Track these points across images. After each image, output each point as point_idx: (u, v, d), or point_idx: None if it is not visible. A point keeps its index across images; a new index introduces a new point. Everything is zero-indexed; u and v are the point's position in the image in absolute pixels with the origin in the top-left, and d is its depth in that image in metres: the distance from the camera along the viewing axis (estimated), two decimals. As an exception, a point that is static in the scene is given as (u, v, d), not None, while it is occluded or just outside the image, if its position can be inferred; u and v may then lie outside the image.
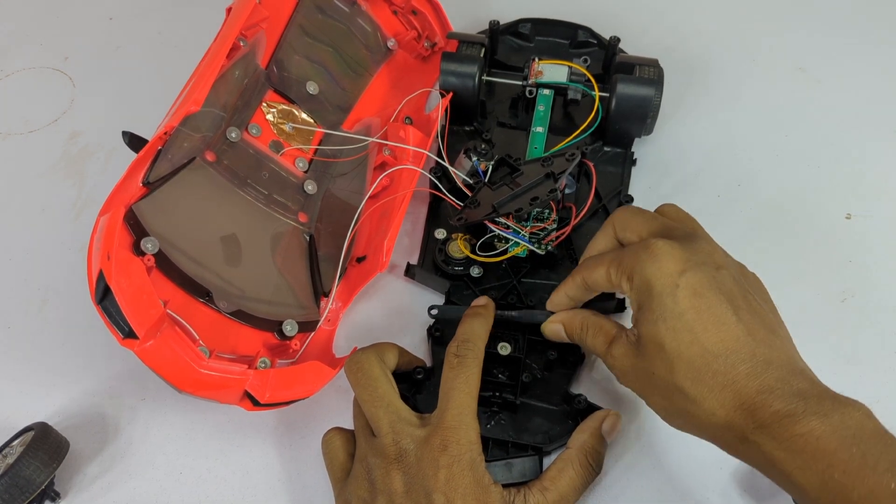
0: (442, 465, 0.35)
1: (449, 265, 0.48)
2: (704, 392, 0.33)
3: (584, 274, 0.39)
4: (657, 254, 0.35)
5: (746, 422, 0.32)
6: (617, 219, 0.40)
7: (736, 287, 0.35)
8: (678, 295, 0.34)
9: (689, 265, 0.35)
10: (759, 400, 0.32)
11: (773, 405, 0.31)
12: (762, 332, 0.34)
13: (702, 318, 0.34)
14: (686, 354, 0.34)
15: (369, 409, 0.38)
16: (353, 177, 0.52)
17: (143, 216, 0.40)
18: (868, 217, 0.53)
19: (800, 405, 0.31)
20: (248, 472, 0.43)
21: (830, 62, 0.63)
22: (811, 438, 0.30)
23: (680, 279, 0.34)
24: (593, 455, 0.39)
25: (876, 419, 0.31)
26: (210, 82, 0.42)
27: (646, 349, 0.35)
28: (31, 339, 0.48)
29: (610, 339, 0.38)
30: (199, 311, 0.41)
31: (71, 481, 0.42)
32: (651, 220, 0.39)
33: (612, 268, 0.37)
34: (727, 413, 0.33)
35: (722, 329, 0.33)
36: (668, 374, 0.34)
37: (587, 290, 0.40)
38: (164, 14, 0.69)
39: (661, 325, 0.34)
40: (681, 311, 0.34)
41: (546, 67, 0.54)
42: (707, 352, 0.33)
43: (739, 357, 0.33)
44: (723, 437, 0.34)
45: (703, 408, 0.33)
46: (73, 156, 0.59)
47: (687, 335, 0.34)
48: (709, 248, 0.37)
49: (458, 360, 0.39)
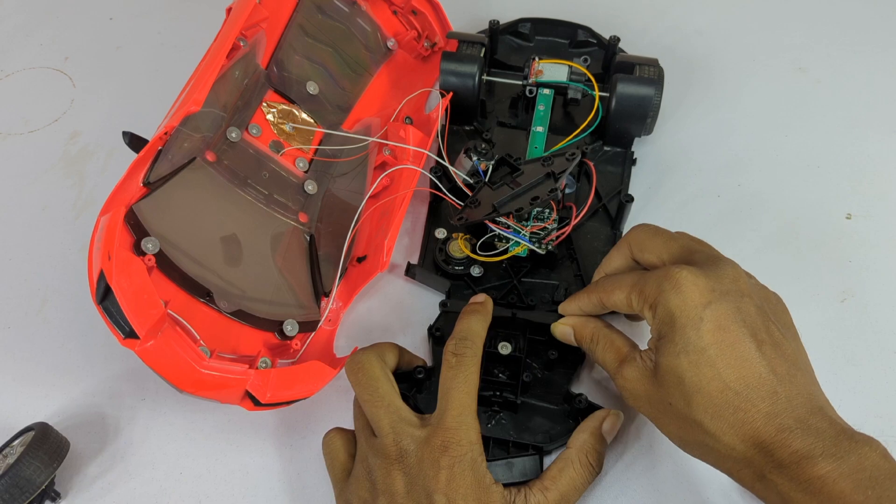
0: (443, 466, 0.35)
1: (449, 265, 0.48)
2: (724, 428, 0.33)
3: (603, 295, 0.39)
4: (681, 284, 0.35)
5: (765, 460, 0.32)
6: (633, 238, 0.40)
7: (759, 318, 0.35)
8: (702, 329, 0.34)
9: (714, 296, 0.34)
10: (779, 439, 0.32)
11: (791, 445, 0.31)
12: (784, 368, 0.33)
13: (724, 353, 0.33)
14: (706, 390, 0.33)
15: (370, 409, 0.38)
16: (354, 177, 0.52)
17: (143, 216, 0.40)
18: (868, 217, 0.53)
19: (817, 446, 0.31)
20: (248, 472, 0.43)
21: (830, 62, 0.63)
22: (828, 481, 0.30)
23: (704, 312, 0.34)
24: (593, 454, 0.39)
25: (892, 459, 0.31)
26: (210, 82, 0.42)
27: (664, 380, 0.35)
28: (31, 339, 0.48)
29: (622, 358, 0.38)
30: (199, 311, 0.41)
31: (71, 481, 0.42)
32: (670, 242, 0.39)
33: (634, 294, 0.37)
34: (746, 450, 0.33)
35: (744, 366, 0.33)
36: (686, 408, 0.34)
37: (602, 308, 0.40)
38: (164, 14, 0.69)
39: (682, 359, 0.34)
40: (704, 346, 0.34)
41: (546, 67, 0.54)
42: (728, 388, 0.33)
43: (760, 395, 0.33)
44: (740, 472, 0.34)
45: (722, 443, 0.33)
46: (73, 156, 0.59)
47: (709, 370, 0.33)
48: (733, 273, 0.36)
49: (456, 360, 0.39)
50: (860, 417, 0.43)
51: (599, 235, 0.50)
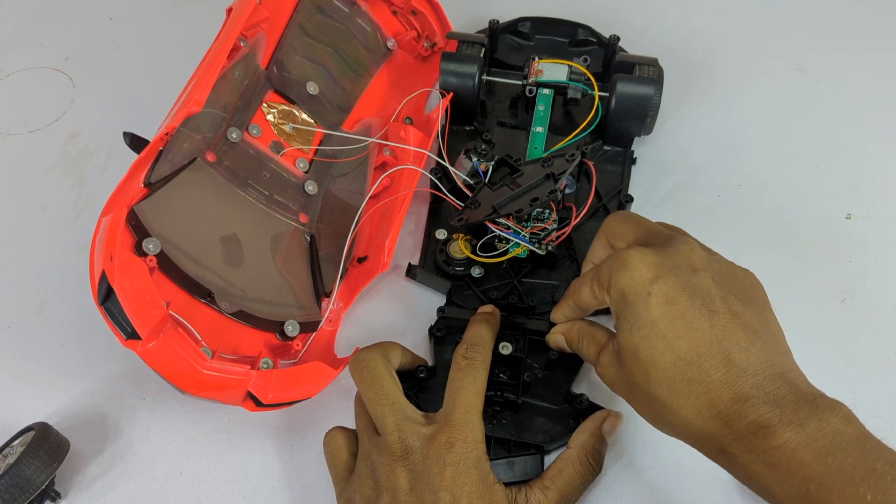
0: (448, 463, 0.36)
1: (450, 266, 0.48)
2: (680, 401, 0.33)
3: (574, 297, 0.39)
4: (628, 262, 0.35)
5: (724, 432, 0.32)
6: (608, 226, 0.40)
7: (715, 289, 0.34)
8: (650, 303, 0.34)
9: (662, 271, 0.34)
10: (735, 410, 0.31)
11: (748, 415, 0.31)
12: (740, 336, 0.33)
13: (674, 325, 0.33)
14: (660, 362, 0.33)
15: (374, 406, 0.38)
16: (354, 177, 0.52)
17: (144, 217, 0.40)
18: (868, 217, 0.53)
19: (775, 415, 0.30)
20: (248, 472, 0.43)
21: (830, 62, 0.63)
22: (786, 451, 0.29)
23: (652, 286, 0.34)
24: (594, 454, 0.39)
25: (856, 422, 0.30)
26: (211, 83, 0.42)
27: (624, 359, 0.35)
28: (31, 339, 0.48)
29: (600, 348, 0.38)
30: (200, 312, 0.41)
31: (71, 481, 0.42)
32: (635, 227, 0.39)
33: (595, 284, 0.37)
34: (704, 423, 0.32)
35: (695, 335, 0.33)
36: (645, 384, 0.34)
37: (581, 311, 0.40)
38: (164, 14, 0.69)
39: (635, 334, 0.34)
40: (653, 319, 0.33)
41: (546, 66, 0.54)
42: (680, 359, 0.32)
43: (713, 364, 0.32)
44: (704, 446, 0.33)
45: (681, 417, 0.33)
46: (73, 156, 0.59)
47: (660, 343, 0.33)
48: (685, 249, 0.35)
49: (466, 362, 0.39)
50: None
51: (599, 235, 0.50)
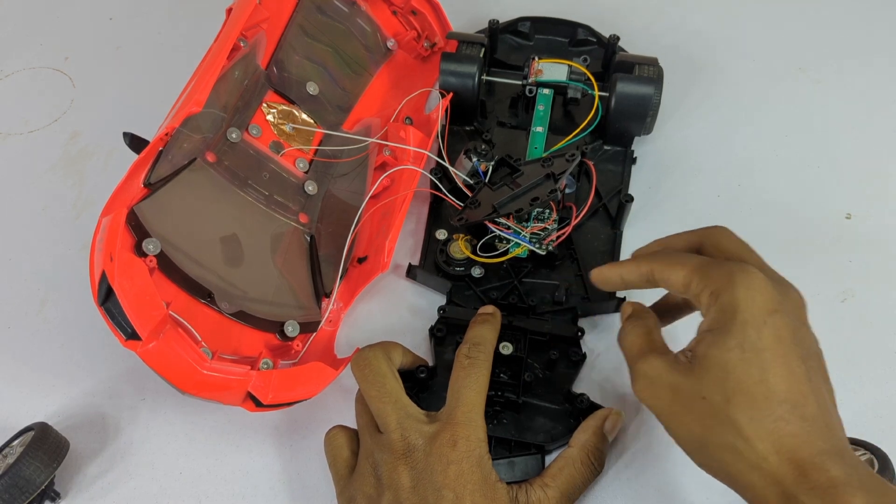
0: (452, 461, 0.36)
1: (450, 266, 0.48)
2: (761, 433, 0.31)
3: (657, 267, 0.37)
4: (754, 282, 0.33)
5: (797, 480, 0.31)
6: (712, 233, 0.38)
7: (815, 347, 0.34)
8: (763, 332, 0.33)
9: (781, 309, 0.33)
10: (819, 461, 0.31)
11: (830, 470, 0.30)
12: (826, 399, 0.33)
13: (777, 363, 0.32)
14: (752, 391, 0.32)
15: (377, 405, 0.38)
16: (354, 177, 0.52)
17: (144, 217, 0.40)
18: (868, 217, 0.53)
19: (854, 477, 0.30)
20: (248, 472, 0.43)
21: (830, 62, 0.63)
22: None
23: (769, 318, 0.33)
24: (595, 453, 0.39)
25: None
26: (211, 83, 0.42)
27: (705, 370, 0.33)
28: (31, 339, 0.48)
29: (653, 347, 0.36)
30: (200, 313, 0.41)
31: (71, 481, 0.42)
32: (750, 253, 0.37)
33: (697, 276, 0.35)
34: (779, 464, 0.31)
35: (793, 381, 0.32)
36: (724, 403, 0.32)
37: (649, 282, 0.37)
38: (164, 14, 0.69)
39: (735, 353, 0.32)
40: (761, 348, 0.32)
41: (546, 66, 0.54)
42: (773, 395, 0.32)
43: (805, 413, 0.32)
44: (764, 490, 0.32)
45: (755, 449, 0.32)
46: (73, 156, 0.59)
47: (758, 373, 0.32)
48: (798, 299, 0.35)
49: (469, 361, 0.39)
50: (860, 417, 0.43)
51: (599, 235, 0.50)
